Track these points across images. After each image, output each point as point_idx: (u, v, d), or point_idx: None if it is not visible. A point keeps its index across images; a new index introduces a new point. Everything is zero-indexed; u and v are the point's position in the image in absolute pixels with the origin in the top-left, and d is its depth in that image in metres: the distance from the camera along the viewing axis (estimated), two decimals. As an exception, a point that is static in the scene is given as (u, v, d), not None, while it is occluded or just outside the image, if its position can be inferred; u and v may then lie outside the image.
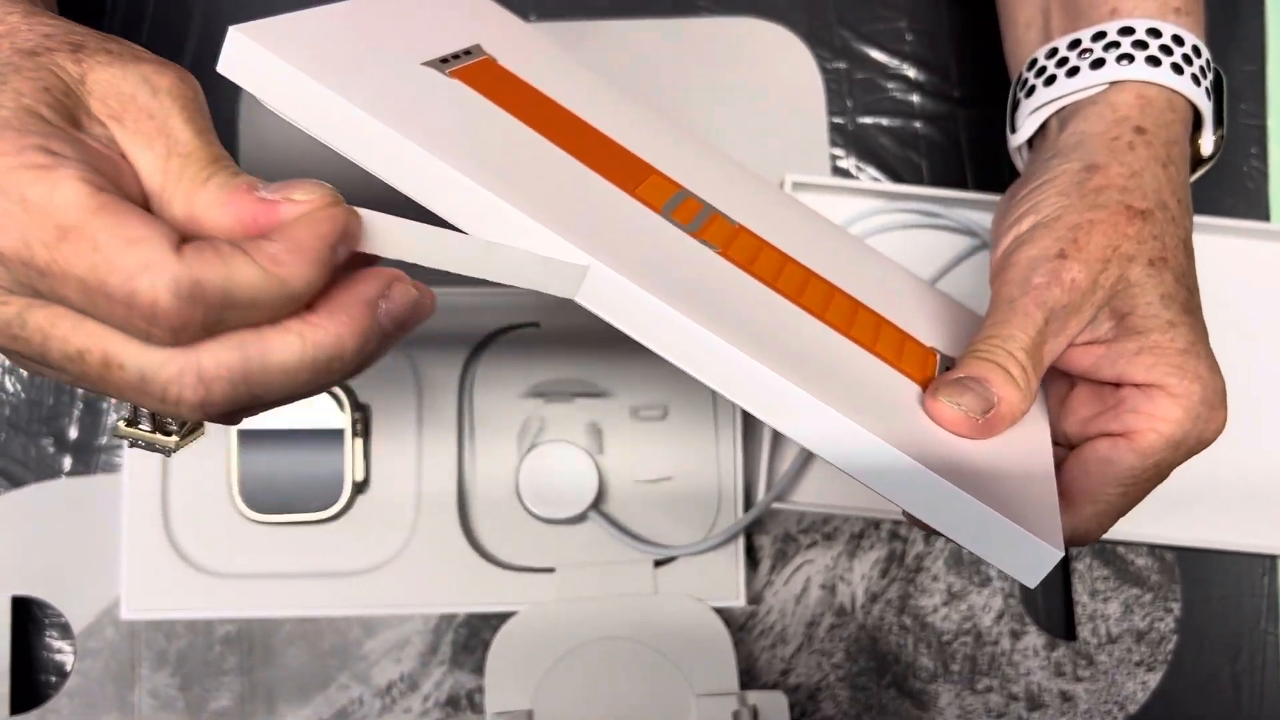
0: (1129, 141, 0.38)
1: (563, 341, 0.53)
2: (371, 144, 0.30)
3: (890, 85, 0.57)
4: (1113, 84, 0.39)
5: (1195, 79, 0.40)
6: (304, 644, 0.53)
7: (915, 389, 0.35)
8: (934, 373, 0.37)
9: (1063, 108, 0.41)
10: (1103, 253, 0.36)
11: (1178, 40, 0.39)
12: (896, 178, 0.56)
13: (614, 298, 0.30)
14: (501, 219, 0.30)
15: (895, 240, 0.55)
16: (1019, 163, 0.45)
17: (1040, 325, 0.35)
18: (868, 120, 0.57)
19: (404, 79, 0.33)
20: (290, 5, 0.57)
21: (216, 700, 0.53)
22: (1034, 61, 0.42)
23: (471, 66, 0.36)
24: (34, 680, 0.53)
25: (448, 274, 0.30)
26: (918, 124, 0.57)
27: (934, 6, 0.58)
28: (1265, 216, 0.57)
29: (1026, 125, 0.42)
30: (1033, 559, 0.31)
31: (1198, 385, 0.36)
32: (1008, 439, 0.35)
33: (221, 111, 0.56)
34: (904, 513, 0.33)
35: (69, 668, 0.53)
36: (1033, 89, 0.42)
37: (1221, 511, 0.54)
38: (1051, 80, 0.41)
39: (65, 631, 0.53)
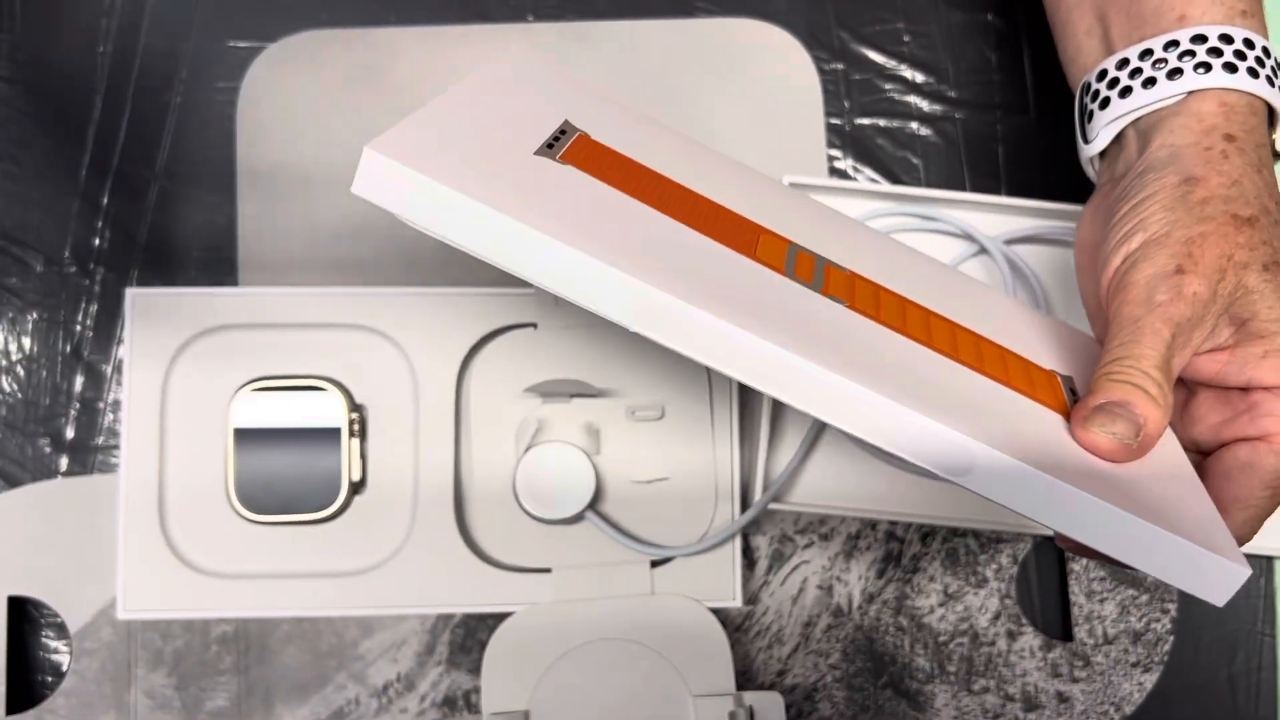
0: (1222, 150, 0.38)
1: (560, 342, 0.53)
2: (519, 248, 0.31)
3: (888, 87, 0.57)
4: (1191, 93, 0.39)
5: (1270, 80, 0.40)
6: (301, 644, 0.53)
7: (1058, 419, 0.36)
8: (1063, 397, 0.37)
9: (1139, 118, 0.41)
10: (1218, 263, 0.36)
11: (1249, 44, 0.40)
12: (894, 179, 0.57)
13: (808, 387, 0.31)
14: (677, 315, 0.31)
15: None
16: (1091, 173, 0.45)
17: (1169, 341, 0.36)
18: (865, 121, 0.57)
19: (529, 175, 0.34)
20: (290, 13, 0.57)
21: (213, 700, 0.53)
22: (1104, 72, 0.42)
23: (573, 147, 0.37)
24: (30, 680, 0.53)
25: (440, 272, 0.31)
26: (915, 125, 0.57)
27: (932, 8, 0.58)
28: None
29: (1102, 136, 0.42)
30: (1220, 578, 0.32)
31: None
32: (1149, 458, 0.35)
33: (220, 114, 0.56)
34: (1062, 539, 0.34)
35: (65, 668, 0.53)
36: (1107, 100, 0.42)
37: (1218, 513, 0.54)
38: (1127, 91, 0.41)
39: (61, 631, 0.53)
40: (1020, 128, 0.57)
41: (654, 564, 0.53)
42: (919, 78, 0.57)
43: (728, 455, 0.53)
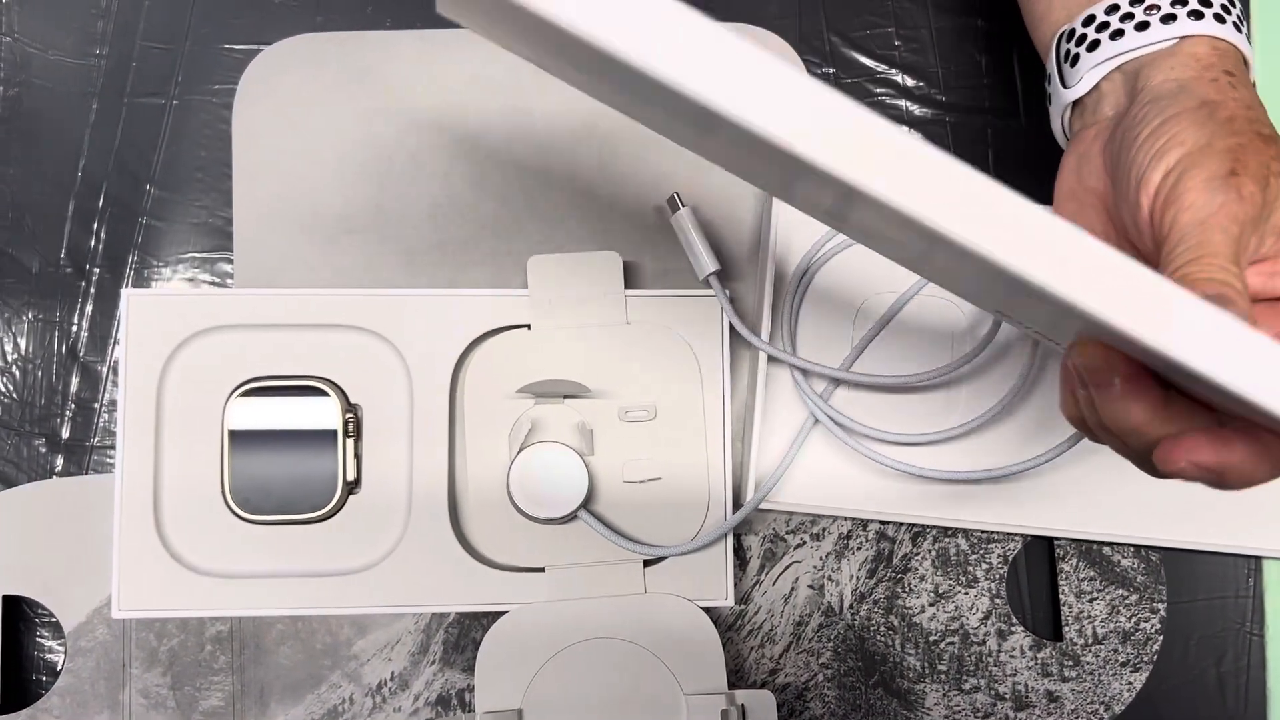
0: (1229, 81, 0.39)
1: (553, 343, 0.53)
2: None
3: (879, 91, 0.58)
4: (1184, 38, 0.40)
5: (1248, 37, 0.41)
6: (295, 643, 0.53)
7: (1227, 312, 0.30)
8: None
9: (1126, 63, 0.42)
10: (1262, 170, 0.36)
11: (1234, 1, 0.41)
12: (885, 182, 0.57)
13: None
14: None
15: (883, 243, 0.56)
16: (1059, 126, 0.45)
17: (1237, 238, 0.35)
18: (856, 125, 0.57)
19: None
20: (285, 17, 0.57)
21: (207, 699, 0.53)
22: (1091, 18, 0.43)
23: None
24: (25, 679, 0.53)
25: (435, 273, 0.30)
26: (906, 129, 0.58)
27: (922, 13, 0.58)
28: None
29: (1087, 79, 0.43)
30: None
31: None
32: None
33: (216, 117, 0.56)
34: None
35: (60, 667, 0.53)
36: (1096, 43, 0.43)
37: (1207, 512, 0.54)
38: (1119, 34, 0.42)
39: (56, 630, 0.53)
40: (1010, 131, 0.57)
41: (647, 563, 0.53)
42: (909, 82, 0.58)
43: (720, 455, 0.54)
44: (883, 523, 0.55)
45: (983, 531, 0.55)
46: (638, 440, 0.54)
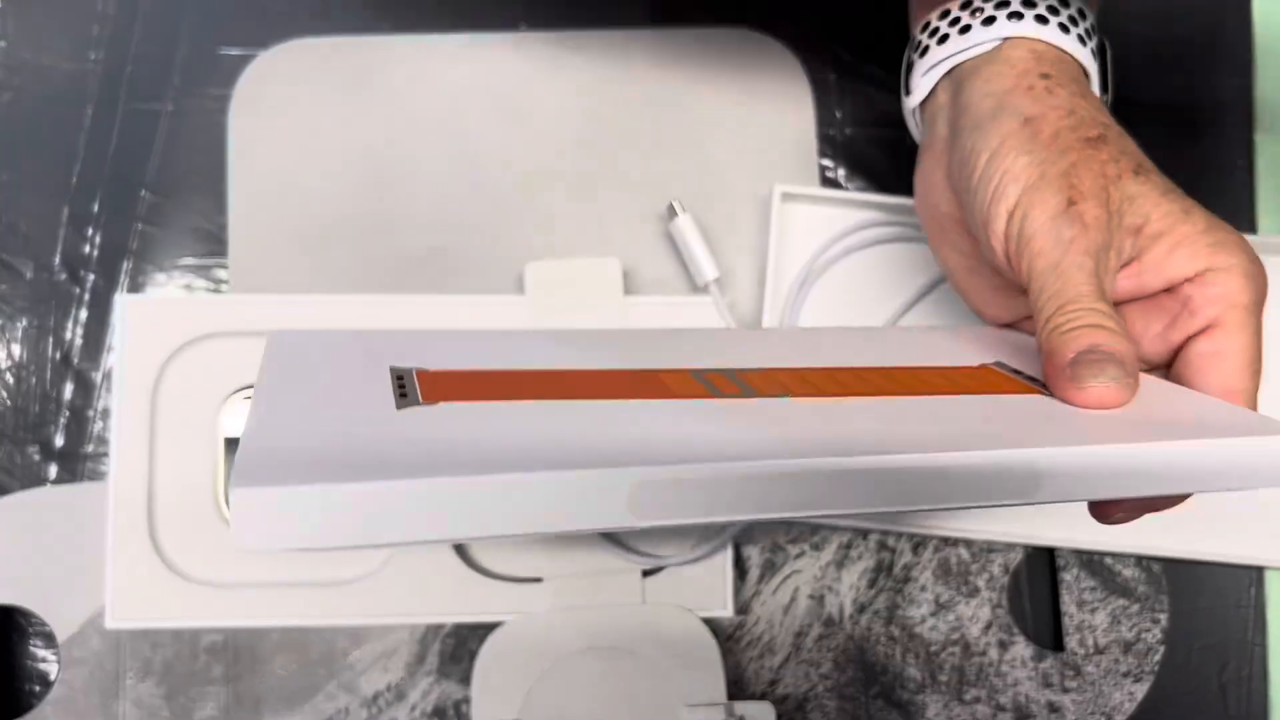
0: (1045, 87, 0.39)
1: (552, 351, 0.53)
2: (499, 505, 0.25)
3: (879, 96, 0.57)
4: (1005, 40, 0.41)
5: (1081, 39, 0.41)
6: (290, 653, 0.53)
7: (1038, 399, 0.34)
8: (1018, 381, 0.36)
9: (953, 68, 0.42)
10: (1097, 183, 0.36)
11: (1063, 2, 0.41)
12: (886, 188, 0.57)
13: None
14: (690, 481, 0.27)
15: (885, 253, 0.55)
16: (913, 125, 0.46)
17: (1095, 270, 0.35)
18: (857, 131, 0.57)
19: (422, 431, 0.28)
20: (282, 21, 0.57)
21: (201, 710, 0.52)
22: (927, 24, 0.43)
23: (424, 386, 0.32)
24: (17, 689, 0.53)
25: (429, 280, 0.29)
26: (907, 135, 0.57)
27: (923, 18, 0.58)
28: (1252, 228, 0.57)
29: (922, 84, 0.43)
30: None
31: (1236, 251, 0.37)
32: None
33: (212, 121, 0.56)
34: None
35: (53, 677, 0.53)
36: (926, 49, 0.43)
37: (1208, 523, 0.54)
38: (945, 39, 0.42)
39: (49, 640, 0.53)
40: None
41: (646, 573, 0.53)
42: (911, 88, 0.57)
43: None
44: (883, 532, 0.54)
45: (984, 541, 0.54)
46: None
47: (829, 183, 0.57)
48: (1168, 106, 0.58)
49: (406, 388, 0.31)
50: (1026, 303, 0.37)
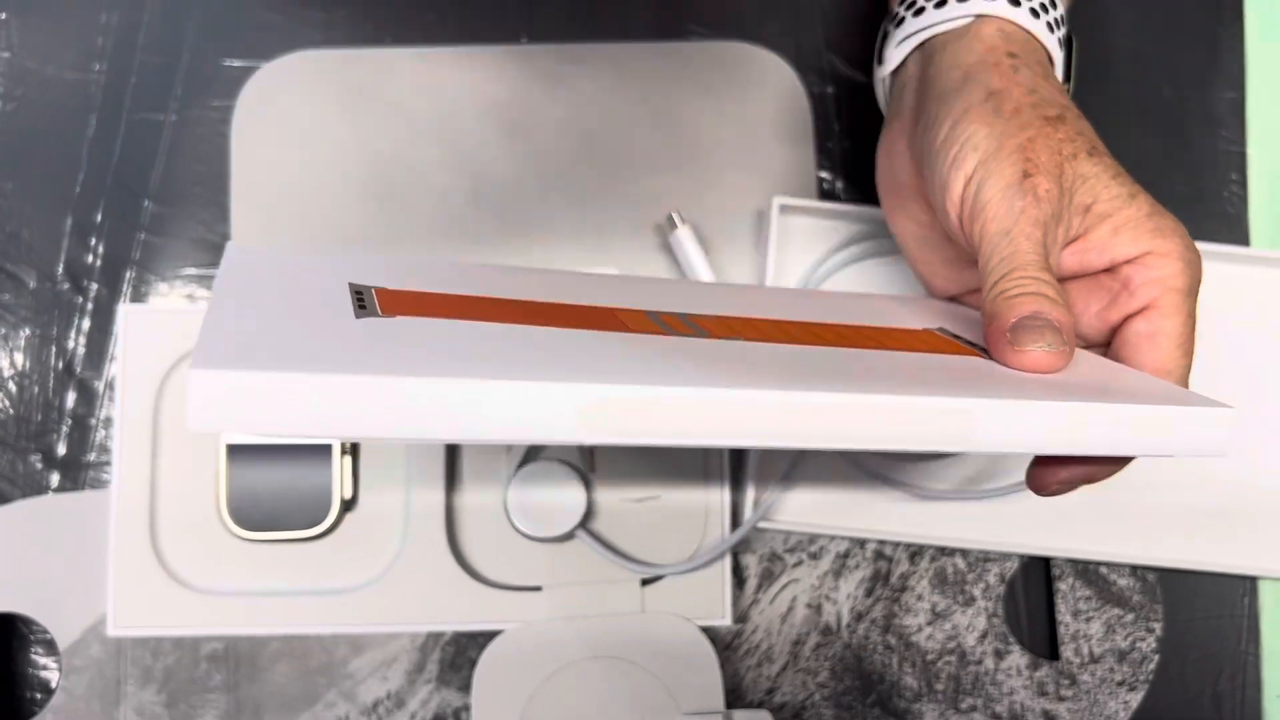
0: (1011, 65, 0.41)
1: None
2: (459, 407, 0.26)
3: (877, 109, 0.58)
4: (978, 18, 0.42)
5: (1050, 27, 0.43)
6: (291, 661, 0.53)
7: (979, 360, 0.35)
8: (958, 344, 0.38)
9: (925, 41, 0.44)
10: (1053, 159, 0.38)
11: None
12: (883, 201, 0.57)
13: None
14: (642, 403, 0.27)
15: (882, 265, 0.56)
16: (881, 95, 0.47)
17: (1042, 241, 0.37)
18: (855, 143, 0.58)
19: (379, 337, 0.29)
20: (284, 33, 0.57)
21: (202, 717, 0.53)
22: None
23: (383, 301, 0.32)
24: (18, 697, 0.53)
25: None
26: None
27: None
28: (1245, 241, 0.58)
29: (894, 55, 0.45)
30: (1212, 428, 0.32)
31: (1176, 237, 0.38)
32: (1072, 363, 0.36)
33: (214, 132, 0.56)
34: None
35: (54, 684, 0.53)
36: (901, 20, 0.45)
37: (1202, 532, 0.55)
38: (920, 11, 0.44)
39: (51, 648, 0.53)
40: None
41: (644, 582, 0.53)
42: (908, 101, 0.58)
43: (718, 474, 0.54)
44: (880, 541, 0.55)
45: (980, 550, 0.55)
46: (636, 458, 0.54)
47: (827, 195, 0.57)
48: (1160, 119, 0.59)
49: (365, 301, 0.32)
50: (974, 277, 0.39)
